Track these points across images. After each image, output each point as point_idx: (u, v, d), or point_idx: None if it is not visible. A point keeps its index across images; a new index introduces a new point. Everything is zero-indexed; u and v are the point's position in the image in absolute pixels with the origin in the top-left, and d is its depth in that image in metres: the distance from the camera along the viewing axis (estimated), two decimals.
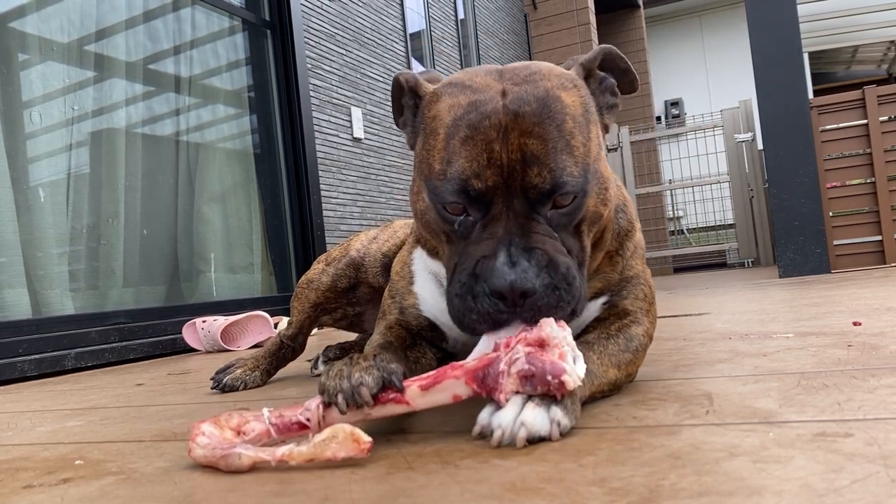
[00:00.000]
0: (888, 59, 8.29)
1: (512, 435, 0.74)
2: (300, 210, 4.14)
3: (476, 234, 0.85)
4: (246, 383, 1.51)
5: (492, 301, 0.81)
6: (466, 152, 0.83)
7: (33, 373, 2.36)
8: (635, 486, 0.58)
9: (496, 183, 0.82)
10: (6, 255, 2.56)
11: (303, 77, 4.19)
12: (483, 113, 0.84)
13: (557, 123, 0.84)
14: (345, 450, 0.72)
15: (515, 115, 0.83)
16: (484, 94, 0.86)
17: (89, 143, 3.05)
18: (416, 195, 0.93)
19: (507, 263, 0.80)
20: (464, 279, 0.84)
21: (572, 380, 0.74)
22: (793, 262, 4.05)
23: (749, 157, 7.09)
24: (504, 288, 0.79)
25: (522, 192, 0.83)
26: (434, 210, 0.88)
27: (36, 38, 2.85)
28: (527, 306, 0.81)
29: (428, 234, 0.95)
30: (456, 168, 0.83)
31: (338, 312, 1.56)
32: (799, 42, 4.10)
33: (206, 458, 0.77)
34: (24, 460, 0.96)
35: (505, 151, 0.82)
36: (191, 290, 3.49)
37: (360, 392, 0.78)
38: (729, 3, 10.96)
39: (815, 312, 1.89)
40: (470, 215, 0.85)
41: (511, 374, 0.75)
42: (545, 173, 0.82)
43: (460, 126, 0.84)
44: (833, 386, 0.90)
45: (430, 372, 0.80)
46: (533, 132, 0.82)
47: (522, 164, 0.82)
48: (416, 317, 1.10)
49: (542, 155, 0.82)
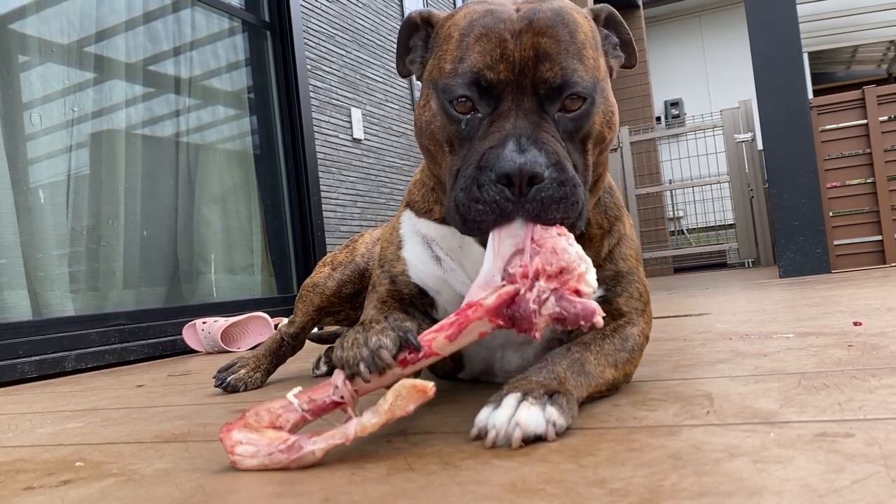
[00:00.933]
0: (888, 59, 8.29)
1: (507, 435, 0.74)
2: (300, 211, 4.14)
3: (483, 131, 0.84)
4: (247, 384, 1.51)
5: (497, 188, 0.80)
6: (480, 47, 0.84)
7: (33, 374, 2.36)
8: (635, 487, 0.58)
9: (507, 78, 0.83)
10: (6, 256, 2.57)
11: (302, 78, 4.19)
12: (499, 17, 0.86)
13: (570, 30, 0.86)
14: (413, 401, 0.73)
15: (530, 21, 0.85)
16: (499, 6, 0.88)
17: (89, 145, 3.05)
18: (423, 107, 0.93)
19: (517, 150, 0.80)
20: (469, 173, 0.83)
21: (601, 320, 0.76)
22: (793, 262, 4.05)
23: (749, 157, 7.09)
24: (513, 170, 0.78)
25: (533, 88, 0.83)
26: (441, 113, 0.88)
27: (36, 39, 2.86)
28: (532, 195, 0.79)
29: (432, 148, 0.93)
30: (468, 63, 0.84)
31: (341, 314, 1.57)
32: (798, 42, 4.10)
33: (265, 465, 0.75)
34: (25, 462, 0.96)
35: (518, 49, 0.83)
36: (191, 292, 3.49)
37: (381, 355, 0.77)
38: (729, 3, 10.96)
39: (816, 312, 1.89)
40: (478, 112, 0.85)
41: (542, 315, 0.76)
42: (556, 69, 0.83)
43: (475, 26, 0.86)
44: (833, 386, 0.90)
45: (450, 318, 0.79)
46: (546, 33, 0.84)
47: (535, 60, 0.83)
48: (406, 284, 1.10)
49: (555, 53, 0.84)
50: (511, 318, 0.77)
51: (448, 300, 1.07)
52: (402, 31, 1.02)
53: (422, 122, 0.93)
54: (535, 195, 0.79)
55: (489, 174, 0.80)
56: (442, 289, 1.07)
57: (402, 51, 1.03)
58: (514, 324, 0.77)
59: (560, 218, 0.81)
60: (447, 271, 1.05)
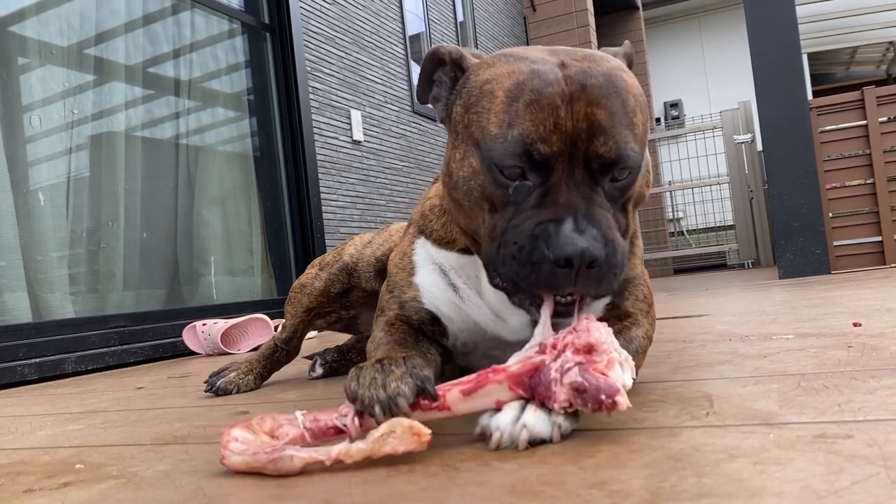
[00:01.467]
0: (887, 60, 8.30)
1: (512, 437, 0.74)
2: (300, 213, 4.14)
3: (534, 200, 0.82)
4: (239, 387, 1.51)
5: (552, 268, 0.79)
6: (531, 116, 0.81)
7: (33, 376, 2.36)
8: (635, 489, 0.58)
9: (561, 150, 0.81)
10: (6, 258, 2.57)
11: (302, 80, 4.19)
12: (546, 80, 0.82)
13: (623, 99, 0.84)
14: (404, 444, 0.71)
15: (582, 86, 0.82)
16: (543, 65, 0.84)
17: (89, 147, 3.05)
18: (460, 161, 0.89)
19: (575, 230, 0.78)
20: (522, 241, 0.81)
21: (625, 400, 0.72)
22: (793, 263, 4.05)
23: (749, 158, 7.09)
24: (574, 254, 0.77)
25: (585, 161, 0.82)
26: (486, 174, 0.85)
27: (35, 41, 2.86)
28: (584, 276, 0.79)
29: (467, 204, 0.89)
30: (519, 131, 0.81)
31: (332, 316, 1.55)
32: (798, 43, 4.10)
33: (248, 464, 0.75)
34: (25, 464, 0.96)
35: (571, 119, 0.81)
36: (191, 294, 3.49)
37: (398, 403, 0.76)
38: (728, 4, 10.96)
39: (816, 313, 1.89)
40: (528, 180, 0.83)
41: (563, 384, 0.74)
42: (610, 143, 0.81)
43: (524, 90, 0.82)
44: (833, 387, 0.90)
45: (471, 376, 0.79)
46: (600, 103, 0.82)
47: (588, 133, 0.81)
48: (417, 310, 1.08)
49: (609, 126, 0.81)
50: (532, 388, 0.76)
51: (461, 328, 1.07)
52: (427, 62, 0.98)
53: (459, 177, 0.89)
54: (589, 276, 0.80)
55: (545, 250, 0.79)
56: (456, 316, 1.06)
57: (426, 82, 0.99)
58: (534, 393, 0.76)
59: (606, 292, 0.83)
60: (465, 300, 1.05)
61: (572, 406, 0.74)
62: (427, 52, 0.98)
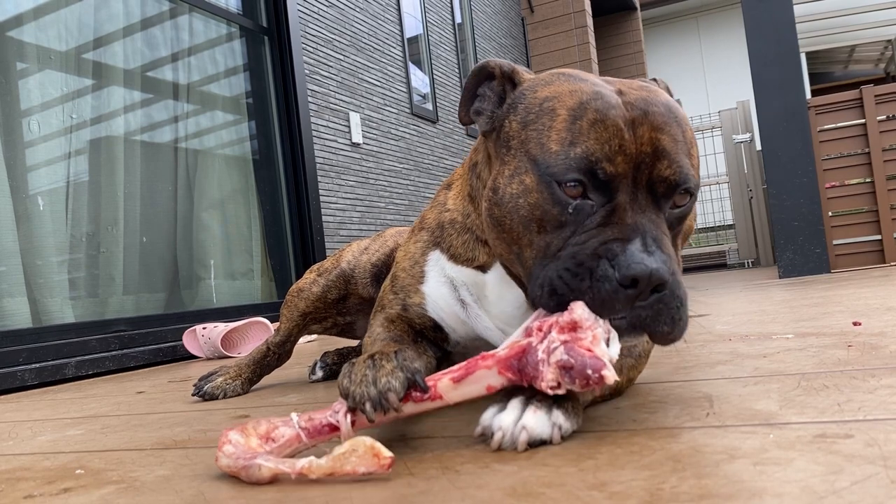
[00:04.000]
0: (885, 59, 8.30)
1: (513, 438, 0.75)
2: (299, 215, 4.14)
3: (598, 220, 0.80)
4: (226, 392, 1.51)
5: (615, 287, 0.76)
6: (596, 134, 0.80)
7: (34, 382, 2.36)
8: (635, 490, 0.58)
9: (625, 171, 0.80)
10: (6, 263, 2.57)
11: (301, 83, 4.19)
12: (610, 103, 0.82)
13: (682, 129, 0.85)
14: (365, 464, 0.70)
15: (644, 112, 0.82)
16: (604, 88, 0.85)
17: (88, 151, 3.05)
18: (509, 177, 0.86)
19: (644, 251, 0.76)
20: (581, 258, 0.78)
21: (612, 374, 0.72)
22: (792, 263, 4.05)
23: (748, 157, 7.10)
24: (643, 274, 0.74)
25: (648, 185, 0.81)
26: (542, 191, 0.82)
27: (34, 46, 2.86)
28: (650, 302, 0.76)
29: (513, 222, 0.86)
30: (583, 148, 0.80)
31: (328, 321, 1.56)
32: (796, 42, 4.11)
33: (230, 468, 0.76)
34: (25, 470, 0.96)
35: (635, 142, 0.80)
36: (191, 297, 3.49)
37: (388, 398, 0.77)
38: (726, 4, 10.98)
39: (815, 313, 1.89)
40: (589, 199, 0.81)
41: (550, 364, 0.74)
42: (675, 167, 0.81)
43: (587, 109, 0.81)
44: (833, 387, 0.90)
45: (460, 364, 0.79)
46: (664, 129, 0.82)
47: (653, 156, 0.80)
48: (421, 315, 1.08)
49: (672, 151, 0.81)
50: (520, 371, 0.76)
51: (463, 337, 1.07)
52: (475, 76, 0.95)
53: (506, 194, 0.86)
54: (654, 304, 0.77)
55: (610, 269, 0.76)
56: (460, 328, 1.07)
57: (469, 97, 0.97)
58: (523, 375, 0.76)
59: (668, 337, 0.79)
60: (471, 316, 1.04)
61: (560, 386, 0.74)
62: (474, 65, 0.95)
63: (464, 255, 1.03)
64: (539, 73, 0.94)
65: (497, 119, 0.92)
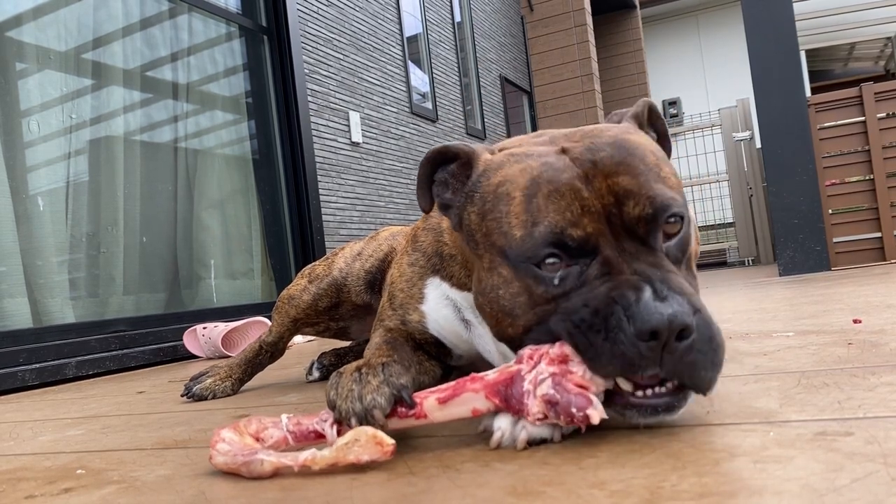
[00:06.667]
0: (885, 56, 8.30)
1: (513, 436, 0.75)
2: (299, 215, 4.14)
3: (596, 271, 0.75)
4: (215, 393, 1.51)
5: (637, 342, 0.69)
6: (555, 206, 0.75)
7: (34, 382, 2.36)
8: (636, 488, 0.58)
9: (597, 228, 0.75)
10: (6, 264, 2.57)
11: (300, 82, 4.19)
12: (559, 168, 0.78)
13: (640, 157, 0.79)
14: (368, 453, 0.72)
15: (593, 163, 0.77)
16: (549, 156, 0.80)
17: (88, 152, 3.05)
18: (488, 271, 0.82)
19: (656, 298, 0.69)
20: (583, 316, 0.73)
21: (597, 413, 0.70)
22: (793, 261, 4.05)
23: (748, 155, 7.10)
24: (661, 324, 0.67)
25: (628, 231, 0.76)
26: (522, 278, 0.78)
27: (33, 47, 2.86)
28: (679, 352, 0.69)
29: (498, 312, 0.82)
30: (546, 224, 0.75)
31: (320, 325, 1.54)
32: (795, 40, 4.10)
33: (228, 465, 0.77)
34: (26, 470, 0.96)
35: (595, 198, 0.76)
36: (191, 297, 3.49)
37: (374, 415, 0.77)
38: (725, 2, 10.97)
39: (816, 310, 1.89)
40: (573, 265, 0.76)
41: (536, 397, 0.73)
42: (644, 201, 0.75)
43: (540, 183, 0.77)
44: (833, 384, 0.90)
45: (449, 383, 0.79)
46: (618, 170, 0.77)
47: (617, 202, 0.75)
48: (421, 332, 1.08)
49: (636, 187, 0.76)
50: (506, 398, 0.75)
51: (466, 352, 1.07)
52: (426, 164, 0.91)
53: (489, 286, 0.82)
54: (685, 354, 0.69)
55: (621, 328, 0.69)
56: (463, 345, 1.06)
57: (426, 184, 0.92)
58: (508, 405, 0.75)
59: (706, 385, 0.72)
60: (475, 337, 1.03)
61: (547, 418, 0.73)
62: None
63: (468, 283, 1.00)
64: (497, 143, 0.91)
65: (460, 211, 0.88)
